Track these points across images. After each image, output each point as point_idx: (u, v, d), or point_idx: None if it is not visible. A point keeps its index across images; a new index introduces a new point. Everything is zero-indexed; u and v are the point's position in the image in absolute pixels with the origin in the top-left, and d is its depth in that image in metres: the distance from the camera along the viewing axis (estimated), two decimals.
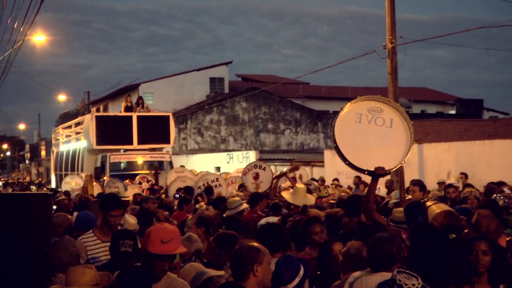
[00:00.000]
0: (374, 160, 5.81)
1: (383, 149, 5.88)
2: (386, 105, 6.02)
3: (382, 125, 5.93)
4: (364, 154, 5.89)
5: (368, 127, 5.94)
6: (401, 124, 5.93)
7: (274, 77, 46.84)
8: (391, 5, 16.68)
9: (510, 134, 19.29)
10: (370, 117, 5.94)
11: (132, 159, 20.28)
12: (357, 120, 5.95)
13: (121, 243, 4.61)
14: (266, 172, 13.49)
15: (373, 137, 5.90)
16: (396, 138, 5.90)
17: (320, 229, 5.76)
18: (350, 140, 5.94)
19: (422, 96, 42.75)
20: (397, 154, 5.88)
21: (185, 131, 34.06)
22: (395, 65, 16.76)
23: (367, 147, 5.91)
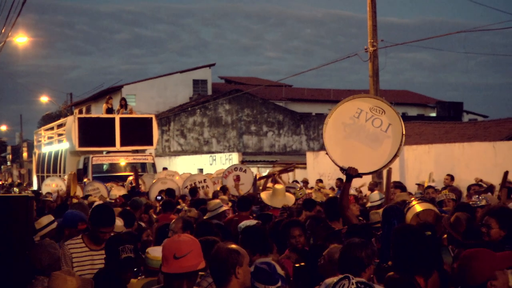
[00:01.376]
0: (356, 160, 5.68)
1: (370, 151, 5.72)
2: (390, 109, 5.79)
3: (378, 127, 5.74)
4: (348, 151, 5.75)
5: (363, 124, 5.76)
6: (396, 132, 5.68)
7: (257, 79, 46.95)
8: (372, 9, 16.85)
9: (489, 137, 19.57)
10: (370, 115, 5.74)
11: (115, 161, 20.26)
12: (356, 115, 5.78)
13: (122, 249, 4.32)
14: (247, 175, 13.56)
15: (364, 136, 5.74)
16: (385, 144, 5.70)
17: (299, 233, 5.66)
18: (340, 133, 5.81)
19: (404, 98, 43.09)
20: (380, 160, 5.71)
21: (168, 133, 34.02)
22: (376, 68, 16.93)
23: (354, 144, 5.75)
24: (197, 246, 3.63)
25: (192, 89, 38.15)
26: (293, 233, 5.63)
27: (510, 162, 14.36)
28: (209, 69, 39.27)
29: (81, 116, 24.91)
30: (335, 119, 5.83)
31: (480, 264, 3.41)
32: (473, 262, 3.43)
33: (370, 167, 5.72)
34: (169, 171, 17.99)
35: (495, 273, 3.35)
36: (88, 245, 5.27)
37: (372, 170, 5.80)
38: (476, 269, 3.38)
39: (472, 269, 3.38)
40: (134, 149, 21.16)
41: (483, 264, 3.41)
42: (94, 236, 5.28)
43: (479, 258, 3.46)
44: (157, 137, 22.44)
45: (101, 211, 5.48)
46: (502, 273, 3.42)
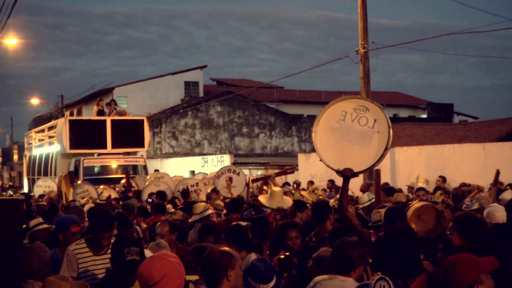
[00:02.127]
0: (350, 160, 5.78)
1: (361, 149, 5.82)
2: (372, 105, 5.94)
3: (364, 125, 5.85)
4: (341, 153, 5.85)
5: (350, 125, 5.89)
6: (383, 126, 5.81)
7: (249, 81, 46.98)
8: (363, 11, 16.92)
9: (479, 138, 19.67)
10: (355, 115, 5.87)
11: (106, 163, 20.21)
12: (341, 117, 5.91)
13: (127, 252, 4.21)
14: (239, 177, 13.56)
15: (353, 136, 5.85)
16: (375, 140, 5.82)
17: (296, 235, 5.73)
18: (330, 137, 5.93)
19: (395, 100, 43.25)
20: (372, 156, 5.81)
21: (159, 135, 33.98)
22: (367, 70, 17.00)
23: (345, 146, 5.86)
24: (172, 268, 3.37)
25: (183, 91, 38.13)
26: (290, 235, 5.69)
27: (500, 163, 14.44)
28: (200, 71, 39.27)
29: (72, 118, 24.86)
30: (323, 125, 5.97)
31: (465, 269, 3.44)
32: (458, 267, 3.45)
33: (365, 164, 5.80)
34: (158, 173, 17.95)
35: (481, 276, 3.38)
36: (91, 250, 5.17)
37: (368, 167, 5.85)
38: (461, 273, 3.40)
39: (458, 274, 3.41)
40: (125, 151, 21.13)
41: (468, 268, 3.44)
42: (96, 241, 5.17)
43: (464, 263, 3.48)
44: (148, 139, 22.42)
45: (99, 217, 5.35)
46: (487, 276, 3.45)
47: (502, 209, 7.19)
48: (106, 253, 5.04)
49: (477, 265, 3.45)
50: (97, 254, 5.11)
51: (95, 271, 5.03)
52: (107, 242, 5.11)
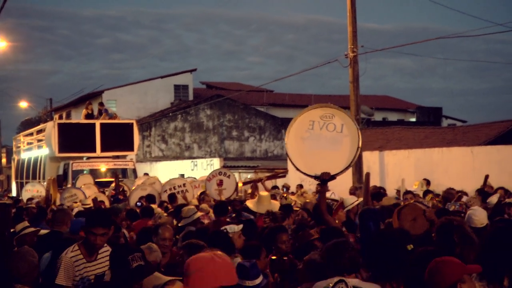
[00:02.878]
0: (325, 165, 6.05)
1: (334, 153, 6.11)
2: (337, 111, 6.25)
3: (333, 131, 6.17)
4: (315, 159, 6.13)
5: (319, 133, 6.20)
6: (351, 129, 6.14)
7: (239, 84, 46.98)
8: (352, 15, 16.99)
9: (467, 142, 19.79)
10: (322, 123, 6.18)
11: (95, 166, 20.11)
12: (310, 127, 6.21)
13: (131, 259, 4.10)
14: (230, 180, 13.53)
15: (324, 142, 6.14)
16: (345, 143, 6.13)
17: (286, 239, 5.77)
18: (302, 147, 6.22)
19: (384, 104, 43.43)
20: (346, 158, 6.12)
21: (149, 139, 33.90)
22: (356, 74, 17.07)
23: (318, 152, 6.14)
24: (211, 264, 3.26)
25: (173, 94, 38.09)
26: (282, 238, 5.72)
27: (487, 166, 14.56)
28: (190, 74, 39.25)
29: (61, 122, 24.74)
30: (294, 136, 6.29)
31: (449, 268, 3.48)
32: (442, 266, 3.50)
33: (340, 167, 6.09)
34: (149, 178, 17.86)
35: (464, 276, 3.43)
36: (84, 256, 5.01)
37: (343, 168, 6.13)
38: (445, 272, 3.45)
39: (442, 273, 3.46)
40: (114, 154, 21.04)
41: (452, 268, 3.48)
42: (89, 244, 5.00)
43: (448, 263, 3.53)
44: (138, 143, 22.35)
45: (88, 213, 5.37)
46: (470, 278, 3.50)
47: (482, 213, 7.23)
48: (97, 259, 5.01)
49: (462, 266, 3.50)
50: (90, 261, 4.99)
51: (88, 277, 4.94)
52: (100, 242, 4.96)
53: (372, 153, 19.28)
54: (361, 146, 6.17)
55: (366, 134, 23.69)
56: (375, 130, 27.20)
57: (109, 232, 5.18)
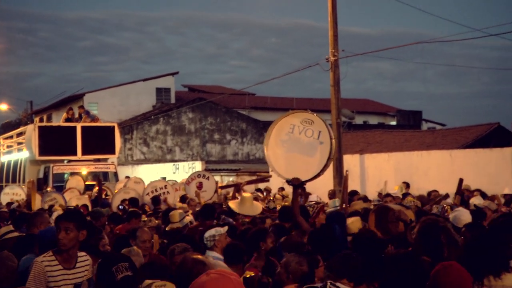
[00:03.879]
0: (299, 169, 6.23)
1: (308, 159, 6.27)
2: (317, 118, 6.40)
3: (310, 137, 6.32)
4: (291, 163, 6.30)
5: (298, 137, 6.35)
6: (326, 138, 6.28)
7: (221, 87, 47.01)
8: (333, 20, 17.13)
9: (446, 145, 20.07)
10: (302, 128, 6.32)
11: (76, 170, 20.00)
12: (290, 130, 6.37)
13: (116, 270, 3.86)
14: (209, 182, 13.55)
15: (301, 147, 6.30)
16: (320, 150, 6.27)
17: (272, 240, 5.76)
18: (281, 149, 6.39)
19: (365, 107, 43.73)
20: (318, 165, 6.27)
21: (131, 142, 33.78)
22: (337, 78, 17.20)
23: (294, 156, 6.32)
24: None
25: (155, 97, 38.00)
26: (268, 241, 5.71)
27: (466, 169, 14.78)
28: (172, 77, 39.19)
29: (41, 125, 24.60)
30: (274, 139, 6.46)
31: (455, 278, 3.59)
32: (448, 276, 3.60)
33: (311, 173, 6.28)
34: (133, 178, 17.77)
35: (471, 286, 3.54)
36: (60, 262, 4.69)
37: (313, 176, 6.29)
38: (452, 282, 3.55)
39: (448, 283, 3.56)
40: (96, 158, 20.95)
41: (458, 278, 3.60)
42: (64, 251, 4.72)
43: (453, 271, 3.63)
44: (119, 146, 22.28)
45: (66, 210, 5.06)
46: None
47: (466, 214, 7.40)
48: (75, 267, 4.76)
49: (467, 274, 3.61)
50: (68, 268, 4.70)
51: (66, 286, 4.66)
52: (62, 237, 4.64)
53: (353, 156, 19.45)
54: (332, 157, 6.33)
55: (347, 137, 23.89)
56: (356, 133, 27.42)
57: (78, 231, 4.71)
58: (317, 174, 6.26)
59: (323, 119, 6.46)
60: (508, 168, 15.27)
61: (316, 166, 6.23)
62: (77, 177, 17.44)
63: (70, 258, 4.72)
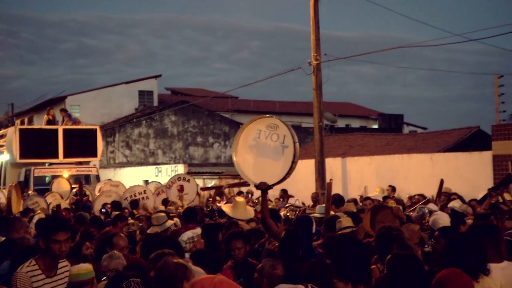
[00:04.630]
0: (266, 173, 6.39)
1: (275, 163, 6.41)
2: (280, 122, 6.56)
3: (276, 141, 6.47)
4: (260, 167, 6.46)
5: (265, 142, 6.50)
6: (290, 142, 6.42)
7: (204, 90, 46.97)
8: (315, 24, 17.27)
9: (427, 148, 20.25)
10: (268, 133, 6.47)
11: (58, 173, 19.87)
12: (257, 135, 6.52)
13: (126, 286, 3.78)
14: (190, 184, 13.55)
15: (268, 151, 6.44)
16: (286, 154, 6.41)
17: (240, 246, 5.70)
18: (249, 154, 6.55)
19: (347, 111, 43.98)
20: (283, 170, 6.40)
21: (113, 144, 33.63)
22: (319, 81, 17.33)
23: (262, 161, 6.47)
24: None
25: (137, 100, 37.88)
26: (234, 245, 5.70)
27: (446, 173, 14.93)
28: (155, 80, 39.09)
29: (22, 127, 24.41)
30: (242, 144, 6.63)
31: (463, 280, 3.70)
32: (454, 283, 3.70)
33: (277, 177, 6.42)
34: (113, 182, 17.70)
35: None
36: (43, 271, 4.54)
37: (279, 180, 6.42)
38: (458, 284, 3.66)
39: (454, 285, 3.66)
40: (77, 161, 20.86)
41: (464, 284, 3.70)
42: (51, 255, 4.56)
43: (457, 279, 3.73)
44: (101, 149, 22.19)
45: (46, 219, 4.95)
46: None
47: (446, 217, 7.51)
48: (57, 275, 4.64)
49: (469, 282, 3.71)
50: (49, 276, 4.55)
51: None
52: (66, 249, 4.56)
53: (335, 160, 19.57)
54: (297, 161, 6.41)
55: (329, 140, 24.02)
56: (338, 136, 27.57)
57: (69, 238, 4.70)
58: (282, 178, 6.39)
59: (286, 123, 6.60)
60: (487, 171, 15.47)
61: (282, 170, 6.37)
62: (62, 180, 17.34)
63: (52, 266, 4.60)
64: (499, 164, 15.37)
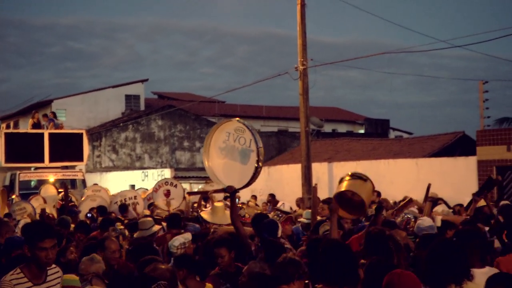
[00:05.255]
0: (235, 176, 6.41)
1: (242, 167, 6.44)
2: (245, 127, 6.56)
3: (243, 144, 6.49)
4: (229, 170, 6.49)
5: (233, 145, 6.53)
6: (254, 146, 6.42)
7: (191, 95, 46.93)
8: (302, 30, 17.35)
9: (413, 153, 20.39)
10: (236, 136, 6.49)
11: (43, 177, 19.80)
12: (226, 138, 6.55)
13: None
14: (177, 189, 13.50)
15: (236, 155, 6.47)
16: (251, 158, 6.43)
17: (225, 253, 5.62)
18: (220, 158, 6.57)
19: (333, 115, 44.13)
20: (249, 173, 6.41)
21: (99, 149, 33.49)
22: (306, 86, 17.40)
23: (232, 164, 6.50)
24: None
25: (124, 104, 37.75)
26: (218, 253, 5.63)
27: (431, 177, 15.01)
28: (142, 84, 38.99)
29: (8, 131, 24.23)
30: (213, 148, 6.66)
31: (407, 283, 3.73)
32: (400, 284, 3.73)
33: (243, 181, 6.45)
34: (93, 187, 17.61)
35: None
36: (30, 279, 4.33)
37: (245, 184, 6.45)
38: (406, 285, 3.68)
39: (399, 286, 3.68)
40: (63, 165, 20.79)
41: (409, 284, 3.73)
42: (37, 263, 4.35)
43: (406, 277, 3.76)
44: (87, 153, 22.16)
45: (32, 225, 4.71)
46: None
47: (431, 222, 7.57)
48: (46, 282, 4.43)
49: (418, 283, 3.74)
50: (37, 284, 4.36)
51: None
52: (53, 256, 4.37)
53: (321, 165, 19.65)
54: (261, 165, 6.40)
55: (315, 145, 24.11)
56: (324, 141, 27.68)
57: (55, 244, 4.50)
58: (247, 183, 6.40)
59: (251, 127, 6.56)
60: (472, 176, 15.62)
61: (249, 174, 6.38)
62: (50, 186, 17.27)
63: (40, 273, 4.39)
64: (483, 169, 15.53)
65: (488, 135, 15.87)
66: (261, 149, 6.36)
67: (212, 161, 6.68)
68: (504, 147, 15.15)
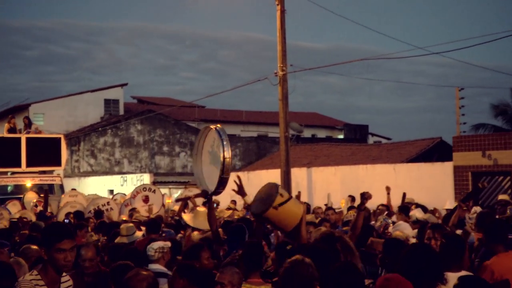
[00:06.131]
0: (213, 180, 6.57)
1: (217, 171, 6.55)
2: (217, 136, 6.67)
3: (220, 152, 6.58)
4: (211, 175, 6.66)
5: (215, 150, 6.64)
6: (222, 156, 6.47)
7: (171, 99, 46.81)
8: (282, 35, 17.44)
9: (391, 159, 20.58)
10: (218, 142, 6.58)
11: (20, 182, 19.63)
12: (213, 143, 6.71)
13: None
14: (156, 195, 13.48)
15: (216, 160, 6.58)
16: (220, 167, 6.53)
17: (208, 256, 5.75)
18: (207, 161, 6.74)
19: (313, 121, 44.31)
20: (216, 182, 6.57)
21: (77, 153, 33.23)
22: (285, 92, 17.48)
23: (212, 169, 6.66)
24: None
25: (103, 108, 37.53)
26: (202, 256, 5.70)
27: (408, 183, 15.23)
28: (121, 89, 38.80)
29: None
30: (205, 153, 6.87)
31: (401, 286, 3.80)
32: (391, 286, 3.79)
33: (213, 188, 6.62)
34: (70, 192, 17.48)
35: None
36: (46, 283, 4.01)
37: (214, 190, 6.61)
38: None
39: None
40: (41, 170, 20.60)
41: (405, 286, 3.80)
42: (50, 268, 4.03)
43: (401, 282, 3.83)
44: (65, 158, 21.99)
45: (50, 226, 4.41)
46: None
47: (408, 227, 7.66)
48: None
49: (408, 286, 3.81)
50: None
51: None
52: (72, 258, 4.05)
53: (301, 170, 19.73)
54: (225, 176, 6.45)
55: (295, 150, 24.20)
56: (304, 146, 27.80)
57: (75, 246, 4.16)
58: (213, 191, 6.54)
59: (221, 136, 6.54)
60: (449, 182, 15.82)
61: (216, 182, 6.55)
62: (32, 193, 17.12)
63: (56, 279, 4.07)
64: (460, 174, 15.74)
65: (464, 141, 16.09)
66: (228, 160, 6.34)
67: (198, 166, 6.89)
68: (479, 153, 15.36)
